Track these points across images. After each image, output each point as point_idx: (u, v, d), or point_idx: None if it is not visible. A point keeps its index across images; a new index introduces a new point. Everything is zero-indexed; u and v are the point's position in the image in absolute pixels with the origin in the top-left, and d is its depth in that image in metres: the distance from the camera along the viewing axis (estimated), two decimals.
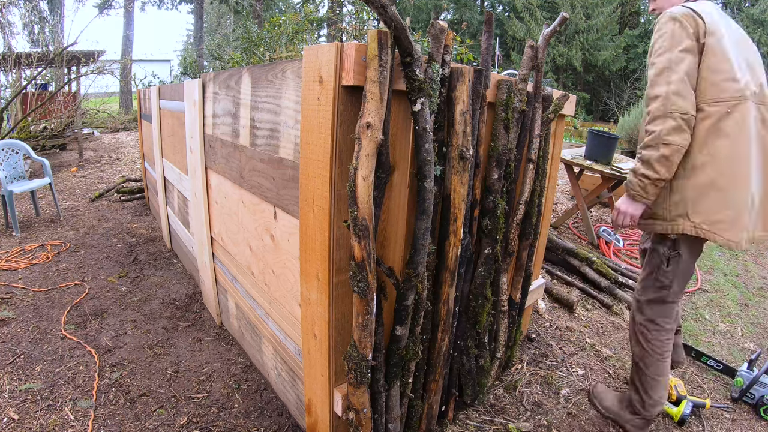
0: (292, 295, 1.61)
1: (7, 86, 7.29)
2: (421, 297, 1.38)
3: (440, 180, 1.42)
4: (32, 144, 6.42)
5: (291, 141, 1.47)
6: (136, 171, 6.46)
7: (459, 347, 1.79)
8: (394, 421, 1.47)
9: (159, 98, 3.43)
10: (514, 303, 2.05)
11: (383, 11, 1.03)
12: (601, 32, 17.10)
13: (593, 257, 3.33)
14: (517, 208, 1.84)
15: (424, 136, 1.22)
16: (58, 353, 2.23)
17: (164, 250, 3.70)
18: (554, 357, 2.41)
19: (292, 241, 1.55)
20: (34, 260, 3.34)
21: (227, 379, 2.10)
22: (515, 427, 1.87)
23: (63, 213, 4.58)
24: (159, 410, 1.88)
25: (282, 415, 1.88)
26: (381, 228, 1.34)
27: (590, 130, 4.31)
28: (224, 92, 2.00)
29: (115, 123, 10.11)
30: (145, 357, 2.24)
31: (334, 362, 1.39)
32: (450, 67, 1.32)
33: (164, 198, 3.64)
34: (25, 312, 2.61)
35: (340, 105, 1.17)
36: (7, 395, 1.90)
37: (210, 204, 2.39)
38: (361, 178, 1.11)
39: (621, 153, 6.24)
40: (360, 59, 1.11)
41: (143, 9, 17.99)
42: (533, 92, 1.78)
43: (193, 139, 2.42)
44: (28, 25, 11.55)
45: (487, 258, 1.70)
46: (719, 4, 17.63)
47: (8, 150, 4.18)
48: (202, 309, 2.76)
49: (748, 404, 2.12)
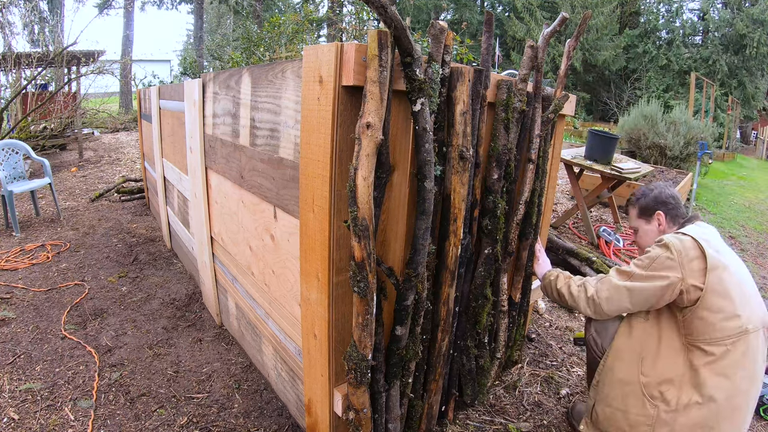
0: (292, 295, 1.61)
1: (7, 86, 7.29)
2: (421, 297, 1.38)
3: (440, 180, 1.42)
4: (32, 144, 6.42)
5: (291, 141, 1.47)
6: (136, 171, 6.46)
7: (459, 347, 1.79)
8: (394, 421, 1.47)
9: (159, 98, 3.43)
10: (514, 303, 2.05)
11: (383, 11, 1.03)
12: (601, 32, 17.10)
13: (593, 257, 3.33)
14: (517, 208, 1.84)
15: (424, 136, 1.22)
16: (58, 353, 2.22)
17: (164, 250, 3.70)
18: (554, 357, 2.41)
19: (292, 241, 1.55)
20: (34, 260, 3.34)
21: (227, 379, 2.10)
22: (515, 427, 1.87)
23: (63, 213, 4.58)
24: (159, 410, 1.88)
25: (282, 415, 1.88)
26: (381, 228, 1.34)
27: (590, 130, 4.31)
28: (224, 92, 2.00)
29: (115, 123, 10.11)
30: (145, 357, 2.24)
31: (334, 362, 1.39)
32: (450, 67, 1.32)
33: (164, 198, 3.64)
34: (25, 312, 2.61)
35: (340, 105, 1.17)
36: (7, 395, 1.90)
37: (210, 204, 2.39)
38: (361, 178, 1.11)
39: (621, 153, 6.24)
40: (360, 59, 1.11)
41: (143, 9, 17.99)
42: (533, 92, 1.78)
43: (193, 139, 2.42)
44: (28, 25, 11.54)
45: (487, 258, 1.70)
46: (719, 4, 17.64)
47: (8, 150, 4.18)
48: (202, 309, 2.76)
49: None
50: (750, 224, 5.63)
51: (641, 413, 1.42)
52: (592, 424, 1.59)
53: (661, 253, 1.39)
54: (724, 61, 16.67)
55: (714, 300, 1.32)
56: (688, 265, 1.34)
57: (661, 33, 18.64)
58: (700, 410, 1.34)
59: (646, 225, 1.66)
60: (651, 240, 1.60)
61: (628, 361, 1.48)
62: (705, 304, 1.33)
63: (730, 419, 1.34)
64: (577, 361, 2.40)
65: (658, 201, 1.62)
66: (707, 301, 1.32)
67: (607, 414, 1.52)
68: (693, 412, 1.34)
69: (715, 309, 1.32)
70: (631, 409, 1.45)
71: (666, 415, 1.38)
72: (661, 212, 1.61)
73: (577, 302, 1.58)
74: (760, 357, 1.37)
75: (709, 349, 1.33)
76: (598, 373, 1.59)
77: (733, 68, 16.90)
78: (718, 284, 1.32)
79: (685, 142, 6.81)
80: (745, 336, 1.34)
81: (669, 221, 1.61)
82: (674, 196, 1.63)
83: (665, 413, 1.38)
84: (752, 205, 6.83)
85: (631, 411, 1.45)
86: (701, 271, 1.33)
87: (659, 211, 1.61)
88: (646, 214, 1.65)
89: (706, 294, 1.32)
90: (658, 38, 18.47)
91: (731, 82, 16.91)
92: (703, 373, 1.34)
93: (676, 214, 1.61)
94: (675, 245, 1.37)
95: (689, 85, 11.54)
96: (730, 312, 1.32)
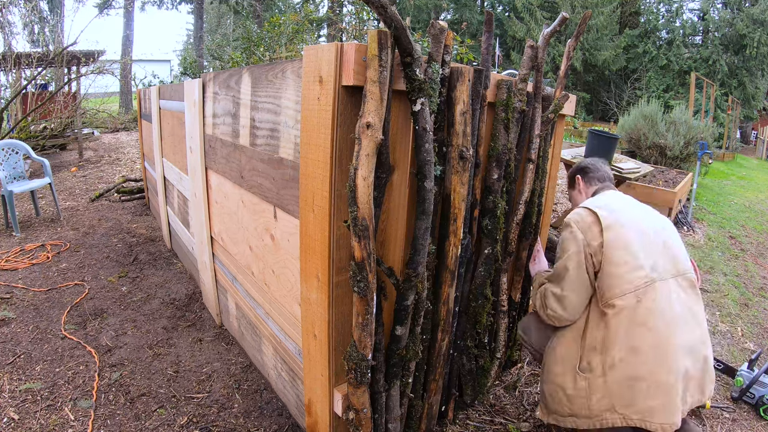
0: (292, 295, 1.61)
1: (7, 86, 7.29)
2: (421, 297, 1.38)
3: (440, 180, 1.42)
4: (32, 144, 6.41)
5: (291, 141, 1.47)
6: (136, 171, 6.46)
7: (459, 347, 1.79)
8: (394, 421, 1.47)
9: (159, 98, 3.43)
10: (514, 303, 2.05)
11: (383, 11, 1.03)
12: (601, 32, 17.09)
13: None
14: (517, 208, 1.84)
15: (424, 136, 1.22)
16: (58, 353, 2.22)
17: (164, 250, 3.70)
18: None
19: (292, 241, 1.55)
20: (34, 260, 3.34)
21: (227, 379, 2.10)
22: (515, 427, 1.87)
23: (63, 213, 4.58)
24: (159, 410, 1.88)
25: (282, 415, 1.88)
26: (381, 228, 1.34)
27: (590, 130, 4.31)
28: (224, 92, 2.00)
29: (115, 123, 10.10)
30: (145, 357, 2.24)
31: (334, 362, 1.39)
32: (450, 67, 1.32)
33: (164, 198, 3.64)
34: (25, 312, 2.61)
35: (340, 105, 1.17)
36: (7, 395, 1.90)
37: (210, 204, 2.39)
38: (361, 178, 1.11)
39: (621, 153, 6.24)
40: (360, 59, 1.11)
41: (143, 9, 17.98)
42: (533, 92, 1.78)
43: (193, 139, 2.42)
44: (28, 25, 11.55)
45: (487, 258, 1.70)
46: (719, 4, 17.63)
47: (8, 150, 4.18)
48: (202, 309, 2.76)
49: (748, 404, 2.12)
50: (750, 224, 5.63)
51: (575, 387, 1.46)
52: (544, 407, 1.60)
53: (565, 235, 1.52)
54: (724, 61, 16.66)
55: (615, 254, 1.41)
56: (587, 231, 1.46)
57: (661, 33, 18.63)
58: (628, 364, 1.36)
59: (571, 191, 1.89)
60: (580, 200, 1.79)
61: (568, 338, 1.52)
62: (608, 259, 1.41)
63: (661, 365, 1.35)
64: None
65: (578, 168, 1.85)
66: (609, 256, 1.41)
67: (551, 391, 1.54)
68: (621, 367, 1.37)
69: (620, 262, 1.40)
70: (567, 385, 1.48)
71: (597, 380, 1.41)
72: (579, 176, 1.83)
73: (549, 321, 1.59)
74: (677, 304, 1.41)
75: (621, 303, 1.39)
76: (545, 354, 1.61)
77: (733, 68, 16.89)
78: (616, 240, 1.42)
79: (685, 142, 6.80)
80: (653, 284, 1.39)
81: (585, 183, 1.80)
82: (594, 163, 1.83)
83: (596, 379, 1.41)
84: (752, 205, 6.83)
85: (567, 387, 1.48)
86: (599, 232, 1.44)
87: (577, 175, 1.84)
88: (571, 181, 1.88)
89: (607, 250, 1.41)
90: (658, 38, 18.46)
91: (731, 82, 16.90)
92: (622, 328, 1.38)
93: (592, 176, 1.79)
94: (572, 219, 1.52)
95: (689, 85, 11.54)
96: (633, 264, 1.40)
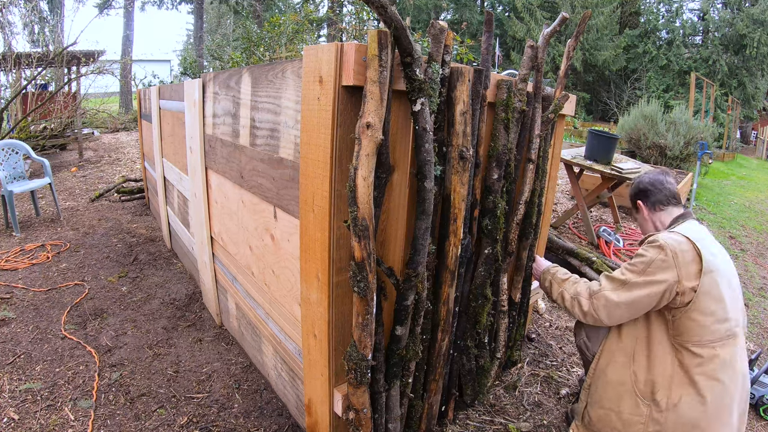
0: (292, 295, 1.61)
1: (7, 86, 7.29)
2: (421, 297, 1.38)
3: (440, 180, 1.42)
4: (32, 144, 6.41)
5: (291, 141, 1.47)
6: (136, 171, 6.46)
7: (459, 347, 1.79)
8: (394, 421, 1.47)
9: (159, 98, 3.43)
10: (514, 303, 2.05)
11: (383, 11, 1.03)
12: (601, 32, 17.09)
13: (593, 257, 3.33)
14: (517, 208, 1.84)
15: (424, 136, 1.22)
16: (58, 353, 2.22)
17: (164, 250, 3.70)
18: (554, 357, 2.41)
19: (292, 241, 1.55)
20: (34, 260, 3.34)
21: (227, 379, 2.10)
22: (515, 427, 1.87)
23: (63, 213, 4.58)
24: (159, 410, 1.88)
25: (282, 415, 1.88)
26: (381, 228, 1.34)
27: (590, 130, 4.31)
28: (224, 92, 2.00)
29: (115, 123, 10.10)
30: (145, 357, 2.24)
31: (334, 362, 1.39)
32: (450, 67, 1.32)
33: (164, 198, 3.64)
34: (25, 312, 2.60)
35: (340, 105, 1.17)
36: (7, 395, 1.90)
37: (210, 204, 2.39)
38: (361, 178, 1.11)
39: (621, 153, 6.24)
40: (360, 59, 1.11)
41: (143, 9, 17.98)
42: (533, 92, 1.78)
43: (193, 139, 2.42)
44: (28, 25, 11.54)
45: (487, 258, 1.70)
46: (719, 4, 17.63)
47: (8, 150, 4.18)
48: (202, 309, 2.76)
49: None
50: (750, 224, 5.63)
51: (635, 412, 1.42)
52: (583, 426, 1.59)
53: (655, 256, 1.37)
54: (724, 61, 16.66)
55: (707, 303, 1.31)
56: (684, 267, 1.32)
57: (661, 33, 18.62)
58: (691, 411, 1.33)
59: (636, 214, 1.71)
60: (648, 227, 1.62)
61: (620, 363, 1.48)
62: (697, 306, 1.31)
63: (719, 419, 1.34)
64: (577, 361, 2.40)
65: (638, 190, 1.66)
66: (700, 304, 1.31)
67: (600, 415, 1.52)
68: (683, 411, 1.34)
69: (708, 312, 1.31)
70: (624, 409, 1.45)
71: (657, 414, 1.38)
72: (640, 201, 1.64)
73: (573, 314, 1.58)
74: (745, 356, 1.38)
75: (698, 351, 1.33)
76: (590, 376, 1.59)
77: (733, 68, 16.89)
78: (711, 288, 1.31)
79: (685, 142, 6.81)
80: (734, 339, 1.34)
81: (650, 209, 1.62)
82: (653, 182, 1.62)
83: (656, 413, 1.38)
84: (752, 205, 6.83)
85: (624, 411, 1.45)
86: (697, 273, 1.31)
87: (638, 200, 1.65)
88: (633, 205, 1.71)
89: (700, 296, 1.31)
90: (658, 38, 18.46)
91: (731, 82, 16.90)
92: (693, 374, 1.33)
93: (655, 200, 1.60)
94: (670, 246, 1.35)
95: (689, 85, 11.54)
96: (721, 315, 1.32)
